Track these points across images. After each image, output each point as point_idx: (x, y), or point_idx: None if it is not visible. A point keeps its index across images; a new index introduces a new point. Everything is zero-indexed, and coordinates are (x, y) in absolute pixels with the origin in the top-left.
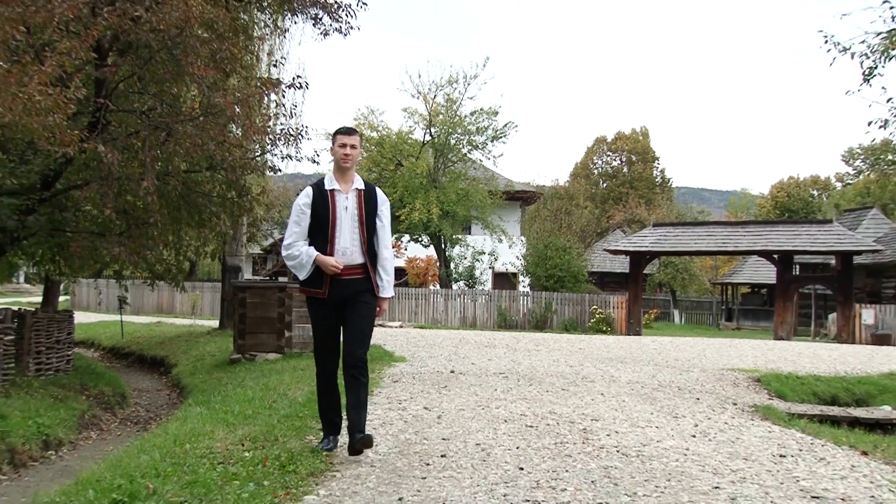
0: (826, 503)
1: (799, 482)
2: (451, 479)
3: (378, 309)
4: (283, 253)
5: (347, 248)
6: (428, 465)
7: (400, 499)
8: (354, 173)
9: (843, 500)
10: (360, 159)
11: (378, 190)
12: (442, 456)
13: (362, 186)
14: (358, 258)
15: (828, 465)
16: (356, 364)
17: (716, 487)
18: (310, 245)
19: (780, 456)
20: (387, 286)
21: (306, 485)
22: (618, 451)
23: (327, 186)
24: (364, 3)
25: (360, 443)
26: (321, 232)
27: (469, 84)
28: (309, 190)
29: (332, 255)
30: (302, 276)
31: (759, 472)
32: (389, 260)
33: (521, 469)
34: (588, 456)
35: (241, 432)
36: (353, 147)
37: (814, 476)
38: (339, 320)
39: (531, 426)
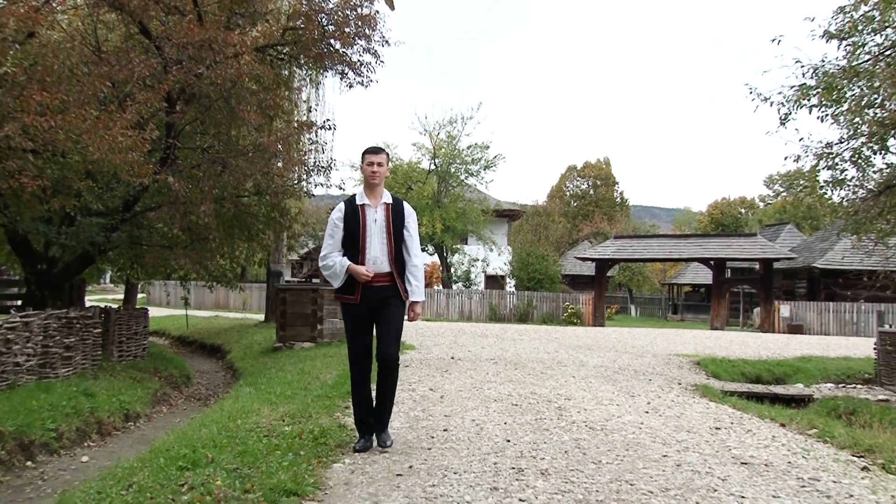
0: (752, 468)
1: (731, 450)
2: (452, 450)
3: (412, 313)
4: (320, 263)
5: (377, 257)
6: (433, 437)
7: (410, 466)
8: (383, 189)
9: (766, 465)
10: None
11: (405, 204)
12: (444, 430)
13: (390, 201)
14: (386, 267)
15: (754, 436)
16: (388, 363)
17: (664, 456)
18: (343, 255)
19: (716, 428)
20: (416, 291)
21: (334, 455)
22: (586, 426)
23: (358, 202)
24: (381, 61)
25: (383, 445)
26: (353, 243)
27: (466, 123)
28: (342, 205)
29: (363, 264)
30: (336, 284)
31: (699, 442)
32: (419, 267)
33: (508, 441)
34: (562, 430)
35: (282, 410)
36: (379, 165)
37: (743, 445)
38: (370, 324)
39: (516, 405)
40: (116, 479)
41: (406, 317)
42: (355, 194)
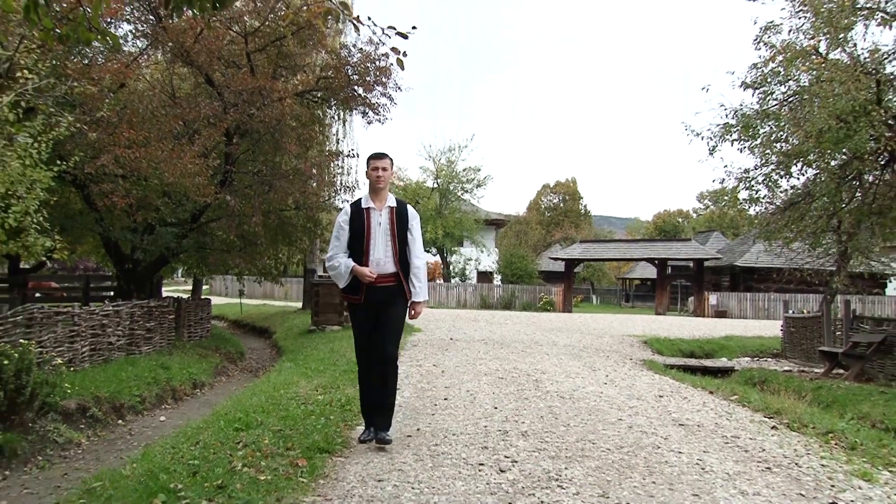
0: (688, 429)
1: (671, 414)
2: (451, 415)
3: (413, 311)
4: (327, 264)
5: (381, 259)
6: (436, 405)
7: (418, 429)
8: (388, 192)
9: (698, 426)
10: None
11: (409, 207)
12: (445, 399)
13: (394, 204)
14: (390, 268)
15: (689, 402)
16: (385, 360)
17: (619, 419)
18: (348, 256)
19: (660, 396)
20: (419, 291)
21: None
22: (557, 395)
23: (363, 205)
24: (395, 103)
25: (380, 441)
26: (357, 245)
27: (461, 151)
28: (347, 208)
29: (366, 265)
30: (341, 284)
31: (646, 408)
32: (422, 268)
33: (496, 408)
34: (539, 399)
35: (316, 382)
36: (384, 169)
37: (680, 410)
38: (373, 321)
39: (502, 378)
40: (187, 437)
41: (408, 315)
42: (361, 198)
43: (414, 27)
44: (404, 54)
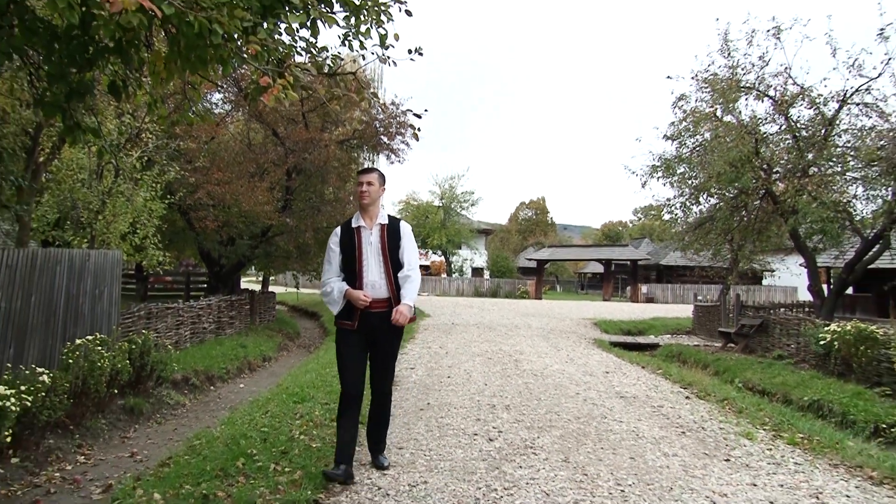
0: (627, 400)
1: (615, 388)
2: (452, 391)
3: (396, 312)
4: (320, 290)
5: (375, 281)
6: (441, 382)
7: (428, 403)
8: (379, 209)
9: (634, 397)
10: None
11: (402, 223)
12: (448, 377)
13: (385, 221)
14: (385, 291)
15: (627, 377)
16: (380, 395)
17: (577, 394)
18: (343, 280)
19: (606, 372)
20: (406, 295)
21: None
22: (532, 373)
23: (353, 224)
24: (411, 148)
25: (379, 467)
26: (350, 267)
27: (460, 178)
28: (337, 230)
29: (361, 288)
30: (335, 310)
31: (596, 383)
32: (411, 278)
33: (486, 385)
34: (518, 376)
35: None
36: (370, 184)
37: (622, 384)
38: (365, 351)
39: (490, 358)
40: (259, 406)
41: (392, 315)
42: (352, 217)
43: (426, 109)
44: (419, 129)
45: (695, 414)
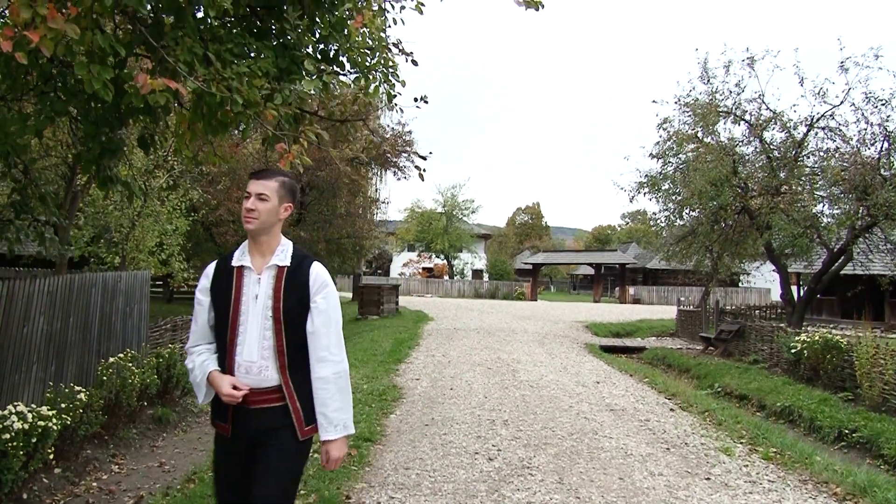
0: (616, 413)
1: (605, 400)
2: (455, 405)
3: (327, 456)
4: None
5: (254, 361)
6: (444, 395)
7: (433, 418)
8: (278, 240)
9: (623, 410)
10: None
11: (315, 266)
12: (451, 389)
13: (287, 262)
14: (272, 377)
15: (616, 388)
16: None
17: (570, 406)
18: (213, 351)
19: (597, 382)
20: (334, 417)
21: (390, 407)
22: (528, 384)
23: (234, 262)
24: (416, 166)
25: None
26: (221, 332)
27: (461, 188)
28: (210, 268)
29: (231, 370)
30: (199, 398)
31: (588, 394)
32: (339, 377)
33: (486, 398)
34: (515, 388)
35: (362, 372)
36: (261, 198)
37: (612, 395)
38: (247, 469)
39: (490, 369)
40: None
41: (322, 459)
42: (235, 250)
43: (430, 152)
44: (424, 170)
45: (678, 428)
